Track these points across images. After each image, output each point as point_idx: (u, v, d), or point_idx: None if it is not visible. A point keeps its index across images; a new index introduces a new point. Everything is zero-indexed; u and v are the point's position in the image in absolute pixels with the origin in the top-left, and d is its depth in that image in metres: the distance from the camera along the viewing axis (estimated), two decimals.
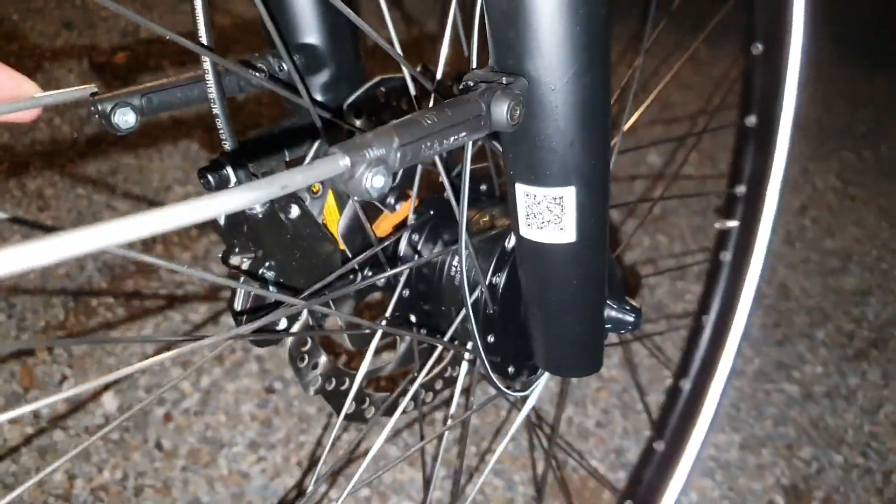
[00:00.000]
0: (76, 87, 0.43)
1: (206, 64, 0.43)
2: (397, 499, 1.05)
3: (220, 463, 1.04)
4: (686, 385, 1.02)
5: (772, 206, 0.98)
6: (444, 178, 0.49)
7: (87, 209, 1.40)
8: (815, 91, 2.65)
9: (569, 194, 0.42)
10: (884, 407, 1.38)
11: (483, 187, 0.64)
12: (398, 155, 0.32)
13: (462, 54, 0.51)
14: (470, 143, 0.41)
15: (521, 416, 0.64)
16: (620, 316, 0.52)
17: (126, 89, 0.44)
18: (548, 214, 0.43)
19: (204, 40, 0.42)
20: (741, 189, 0.98)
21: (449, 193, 0.49)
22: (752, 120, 0.93)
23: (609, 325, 0.52)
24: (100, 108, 0.43)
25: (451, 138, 0.35)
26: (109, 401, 1.07)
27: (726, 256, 1.01)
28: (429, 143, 0.34)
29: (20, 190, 1.28)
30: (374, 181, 0.31)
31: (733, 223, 1.00)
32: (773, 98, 0.92)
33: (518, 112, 0.37)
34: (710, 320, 1.02)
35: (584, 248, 0.45)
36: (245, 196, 0.27)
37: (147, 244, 1.35)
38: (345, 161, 0.30)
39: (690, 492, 1.17)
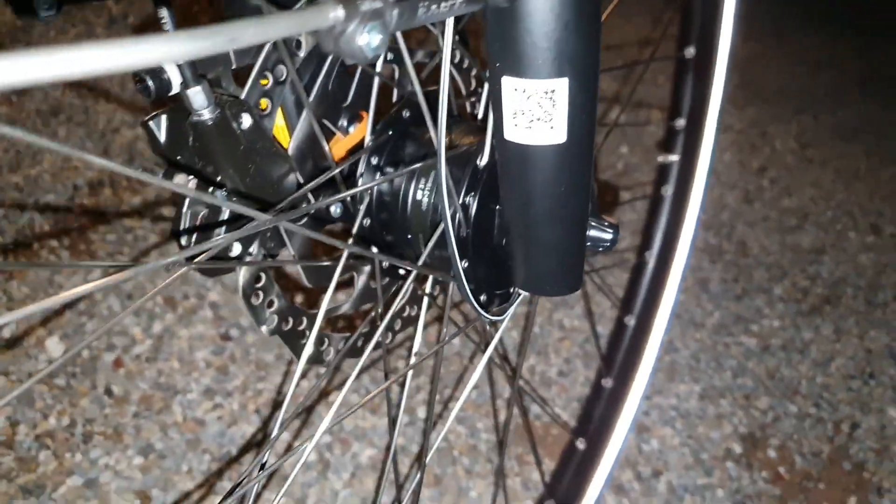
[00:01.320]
0: None
1: None
2: (359, 445, 1.03)
3: (174, 409, 1.00)
4: (631, 321, 1.02)
5: (710, 139, 0.96)
6: (414, 80, 0.45)
7: (27, 149, 1.31)
8: (777, 56, 2.68)
9: (561, 87, 0.39)
10: (835, 360, 1.41)
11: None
12: (395, 11, 0.29)
13: None
14: (452, 19, 0.38)
15: (487, 353, 0.62)
16: (598, 234, 0.50)
17: None
18: (537, 111, 0.40)
19: None
20: (681, 122, 0.97)
21: (420, 97, 0.45)
22: (690, 51, 0.92)
23: (588, 243, 0.50)
24: None
25: (449, 3, 0.31)
26: (54, 345, 1.02)
27: (667, 191, 1.00)
28: (426, 4, 0.30)
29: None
30: (371, 38, 0.27)
31: (674, 157, 0.98)
32: (712, 28, 0.90)
33: None
34: (652, 255, 1.01)
35: (573, 150, 0.42)
36: (208, 41, 0.23)
37: (94, 186, 1.28)
38: (337, 12, 0.26)
39: (651, 439, 1.18)
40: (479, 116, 0.71)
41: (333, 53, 0.27)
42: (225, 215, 0.48)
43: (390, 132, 0.56)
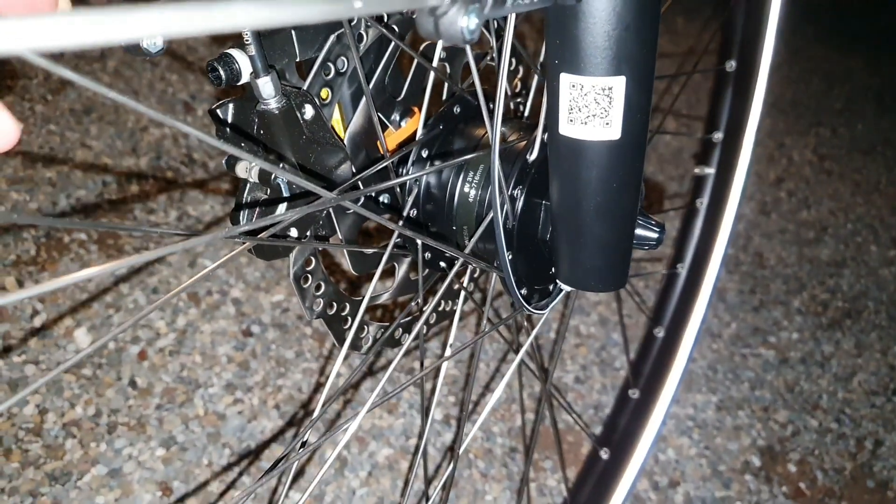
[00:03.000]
0: None
1: None
2: (376, 444, 1.04)
3: (195, 403, 1.01)
4: (660, 333, 1.02)
5: (747, 153, 0.96)
6: (474, 72, 0.47)
7: (60, 146, 1.34)
8: (792, 69, 2.67)
9: (619, 85, 0.41)
10: (857, 375, 1.40)
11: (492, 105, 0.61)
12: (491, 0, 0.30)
13: None
14: (514, 14, 0.39)
15: (521, 352, 0.63)
16: (645, 232, 0.51)
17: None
18: (594, 107, 0.42)
19: None
20: (718, 136, 0.97)
21: (477, 85, 0.46)
22: (731, 64, 0.92)
23: (634, 241, 0.51)
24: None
25: None
26: (82, 337, 1.03)
27: (702, 203, 1.00)
28: None
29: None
30: (470, 21, 0.28)
31: (710, 170, 0.99)
32: (754, 43, 0.90)
33: None
34: (684, 267, 1.01)
35: (627, 147, 0.43)
36: (322, 7, 0.23)
37: (122, 183, 1.31)
38: None
39: (668, 449, 1.18)
40: (526, 116, 0.72)
41: (430, 35, 0.28)
42: (285, 192, 0.50)
43: (440, 127, 0.58)
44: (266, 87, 0.46)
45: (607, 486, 0.92)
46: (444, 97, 0.64)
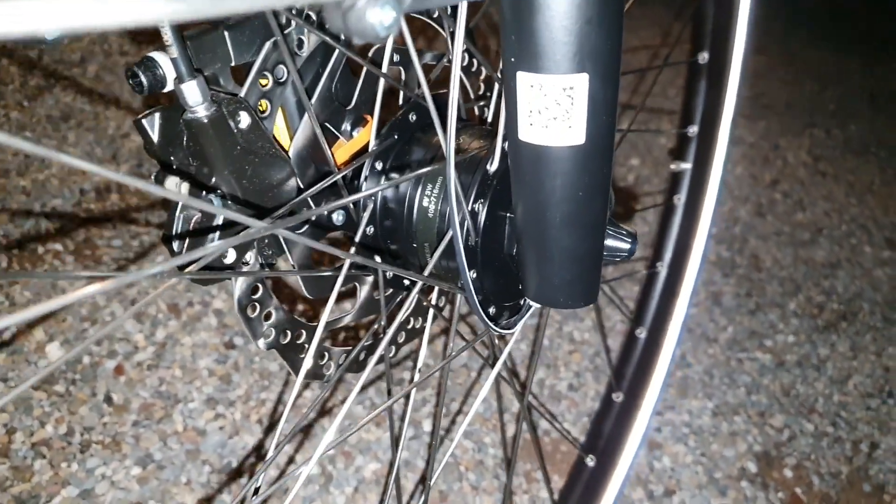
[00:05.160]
0: None
1: None
2: (363, 459, 1.00)
3: (174, 419, 0.98)
4: (642, 334, 0.99)
5: (723, 146, 0.93)
6: (422, 81, 0.43)
7: (35, 154, 1.30)
8: (787, 71, 2.66)
9: (581, 83, 0.37)
10: (853, 378, 1.38)
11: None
12: None
13: None
14: (465, 5, 0.36)
15: (496, 369, 0.60)
16: (616, 243, 0.48)
17: None
18: (555, 109, 0.38)
19: None
20: (693, 129, 0.94)
21: (427, 98, 0.43)
22: (704, 56, 0.90)
23: (605, 253, 0.48)
24: None
25: None
26: (54, 351, 1.00)
27: (680, 199, 0.97)
28: None
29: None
30: (384, 15, 0.25)
31: (686, 165, 0.96)
32: (725, 33, 0.87)
33: None
34: (664, 266, 0.98)
35: (592, 152, 0.40)
36: (197, 3, 0.21)
37: (101, 192, 1.27)
38: None
39: (664, 457, 1.15)
40: (489, 121, 0.69)
41: (340, 32, 0.25)
42: (219, 220, 0.46)
43: (395, 136, 0.54)
44: (192, 92, 0.42)
45: (594, 493, 0.89)
46: (399, 103, 0.61)
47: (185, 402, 1.01)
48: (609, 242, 0.48)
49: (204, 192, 0.45)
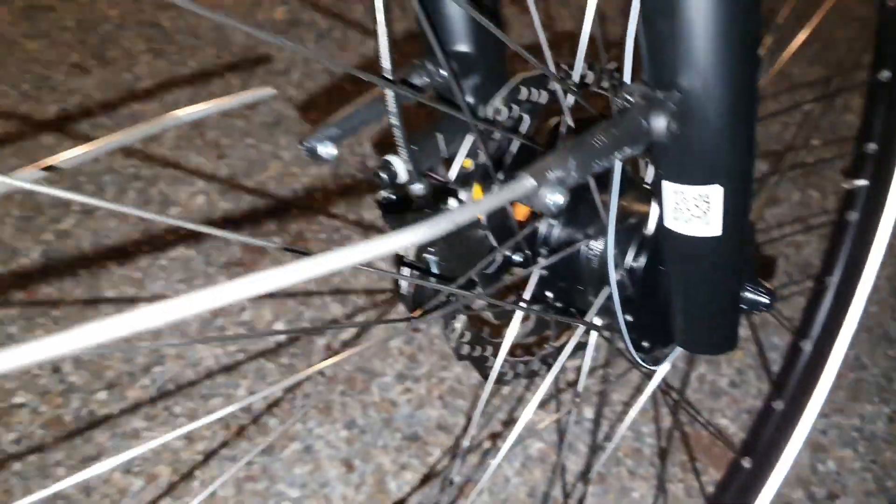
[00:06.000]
0: (256, 90, 0.50)
1: (388, 94, 0.49)
2: (529, 439, 1.13)
3: (372, 390, 1.17)
4: (807, 346, 1.00)
5: None
6: (591, 184, 0.53)
7: (259, 157, 1.55)
8: None
9: (715, 192, 0.45)
10: None
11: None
12: (573, 174, 0.37)
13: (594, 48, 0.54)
14: (619, 166, 0.45)
15: (651, 385, 0.68)
16: (755, 297, 0.55)
17: (322, 126, 0.51)
18: (694, 210, 0.46)
19: (387, 72, 0.48)
20: (871, 146, 0.92)
21: (593, 188, 0.52)
22: (885, 74, 0.87)
23: (744, 306, 0.55)
24: (307, 146, 0.51)
25: (616, 154, 0.39)
26: (280, 328, 1.22)
27: (852, 216, 0.96)
28: (598, 161, 0.38)
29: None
30: (555, 199, 0.36)
31: (862, 182, 0.94)
32: None
33: (674, 125, 0.41)
34: (833, 282, 0.98)
35: (726, 241, 0.48)
36: (436, 228, 0.32)
37: (310, 191, 1.49)
38: (531, 182, 0.36)
39: (828, 460, 1.16)
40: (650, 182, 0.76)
41: (532, 207, 0.36)
42: (435, 269, 0.59)
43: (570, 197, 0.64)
44: (417, 188, 0.55)
45: (749, 494, 0.94)
46: None
47: (381, 376, 1.19)
48: (749, 296, 0.55)
49: (423, 255, 0.59)
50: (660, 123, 0.41)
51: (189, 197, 1.44)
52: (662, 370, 0.68)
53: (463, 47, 0.58)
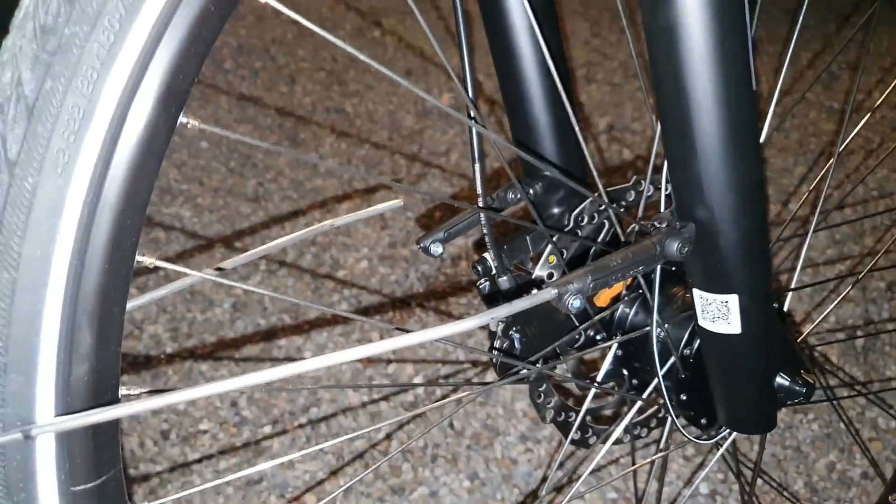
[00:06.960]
0: (387, 203, 0.67)
1: (482, 217, 0.64)
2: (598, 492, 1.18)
3: (495, 447, 1.28)
4: None
5: None
6: (642, 284, 0.63)
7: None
8: None
9: (733, 299, 0.54)
10: None
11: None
12: (591, 286, 0.49)
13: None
14: (659, 269, 0.56)
15: (717, 455, 0.74)
16: (792, 387, 0.61)
17: (432, 232, 0.67)
18: (717, 312, 0.56)
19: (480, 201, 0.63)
20: None
21: (645, 289, 0.63)
22: None
23: (781, 394, 0.61)
24: (422, 245, 0.67)
25: (630, 271, 0.51)
26: (418, 380, 1.38)
27: None
28: (613, 277, 0.50)
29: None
30: (573, 304, 0.49)
31: None
32: None
33: (686, 248, 0.52)
34: None
35: (748, 338, 0.56)
36: (487, 317, 0.46)
37: (454, 260, 1.66)
38: (553, 293, 0.49)
39: None
40: None
41: (559, 308, 0.49)
42: (518, 345, 0.72)
43: (640, 290, 0.74)
44: (504, 283, 0.68)
45: None
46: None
47: (504, 434, 1.30)
48: (786, 385, 0.61)
49: (510, 332, 0.72)
50: (672, 247, 0.51)
51: (354, 262, 1.67)
52: (727, 442, 0.74)
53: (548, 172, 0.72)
